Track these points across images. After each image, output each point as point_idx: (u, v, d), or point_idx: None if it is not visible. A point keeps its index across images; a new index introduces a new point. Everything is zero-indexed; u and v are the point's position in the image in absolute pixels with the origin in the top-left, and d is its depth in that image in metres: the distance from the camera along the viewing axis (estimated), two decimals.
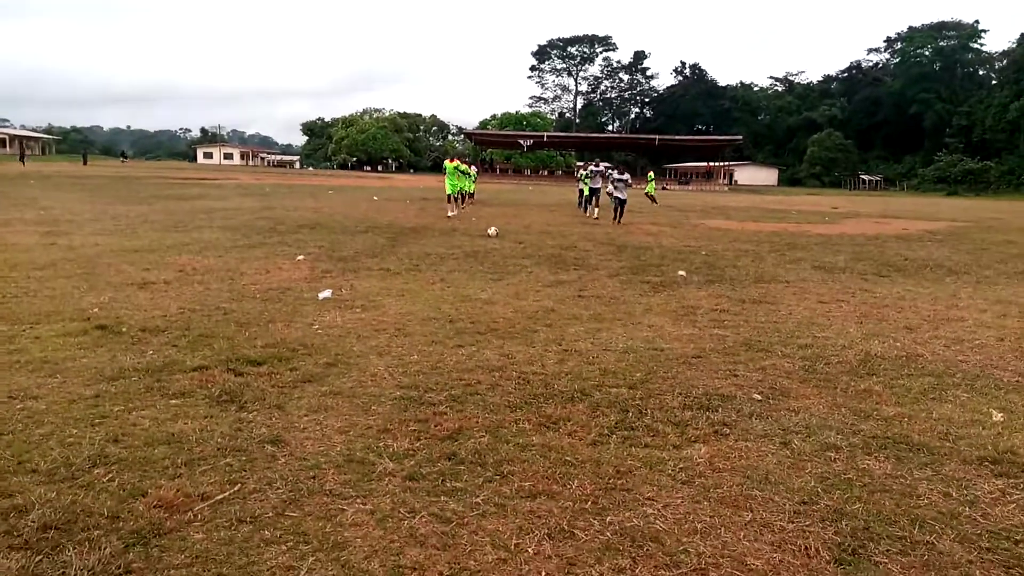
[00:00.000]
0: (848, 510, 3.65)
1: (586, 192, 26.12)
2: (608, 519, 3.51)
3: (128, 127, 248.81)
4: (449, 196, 23.28)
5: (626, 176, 23.05)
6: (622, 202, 22.06)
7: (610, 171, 24.99)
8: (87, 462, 3.89)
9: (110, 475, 3.76)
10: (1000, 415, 5.11)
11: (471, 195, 29.03)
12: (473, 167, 29.85)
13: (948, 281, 11.69)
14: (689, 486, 3.89)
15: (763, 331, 7.64)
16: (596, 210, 24.45)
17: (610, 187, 23.27)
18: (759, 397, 5.42)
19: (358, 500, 3.61)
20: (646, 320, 8.07)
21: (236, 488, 3.68)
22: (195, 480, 3.74)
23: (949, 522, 3.57)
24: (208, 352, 6.09)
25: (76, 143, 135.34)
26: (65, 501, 3.45)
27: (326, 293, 8.73)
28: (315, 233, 15.91)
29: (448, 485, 3.81)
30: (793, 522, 3.54)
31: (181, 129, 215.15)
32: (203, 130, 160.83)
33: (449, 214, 21.91)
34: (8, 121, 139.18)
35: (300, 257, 11.90)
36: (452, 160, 24.40)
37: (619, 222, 21.52)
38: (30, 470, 3.78)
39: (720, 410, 5.11)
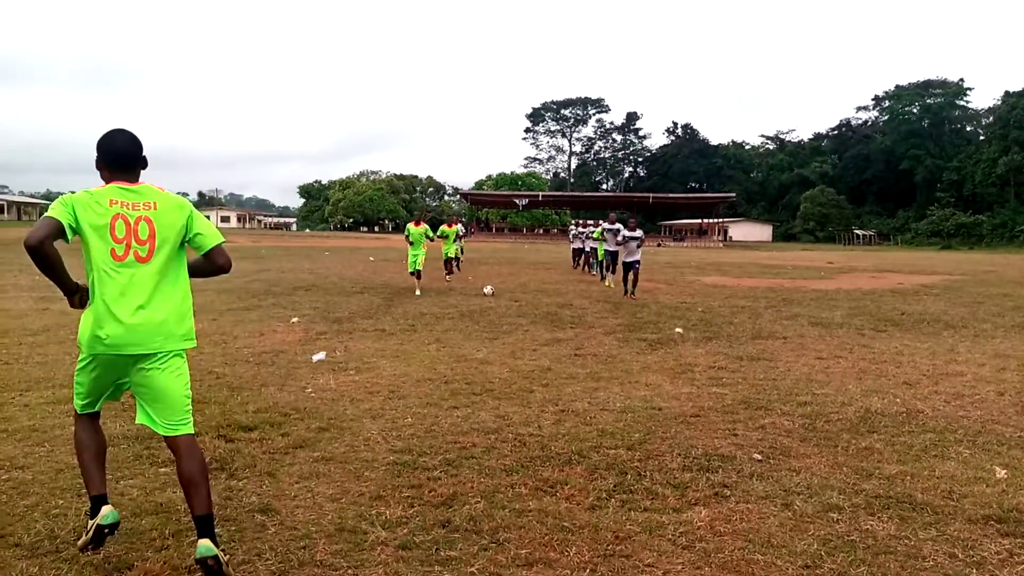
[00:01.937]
0: (852, 573, 3.56)
1: (600, 255, 21.66)
2: None
3: None
4: (413, 273, 17.51)
5: (639, 232, 17.79)
6: (635, 266, 17.16)
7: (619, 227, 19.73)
8: (72, 534, 3.79)
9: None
10: (1004, 472, 5.02)
11: (455, 260, 22.14)
12: (457, 225, 22.97)
13: (946, 335, 11.66)
14: (690, 551, 3.80)
15: (762, 388, 7.58)
16: (611, 276, 20.18)
17: (615, 246, 19.41)
18: (759, 457, 5.34)
19: (349, 571, 3.51)
20: (644, 378, 8.01)
21: (225, 560, 3.57)
22: (183, 552, 3.63)
23: None
24: (199, 418, 5.98)
25: None
26: None
27: (320, 355, 8.67)
28: (310, 295, 15.92)
29: (442, 554, 3.70)
30: None
31: (179, 193, 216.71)
32: (200, 194, 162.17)
33: (418, 293, 16.84)
34: (7, 187, 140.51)
35: (295, 319, 11.86)
36: (418, 223, 17.85)
37: (633, 294, 17.04)
38: (13, 544, 3.68)
39: (720, 471, 5.02)
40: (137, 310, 3.38)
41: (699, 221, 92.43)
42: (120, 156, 3.52)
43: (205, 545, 3.24)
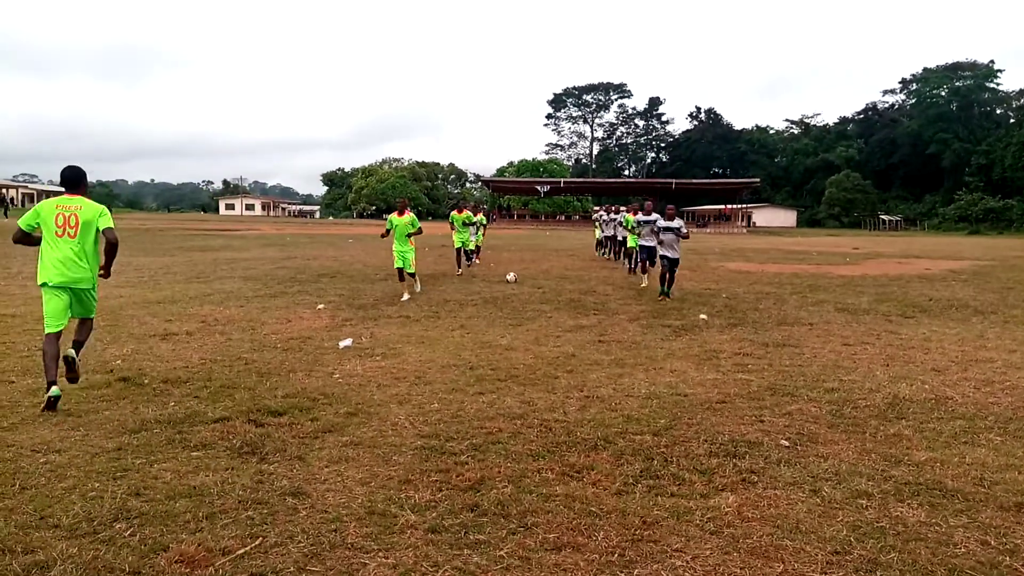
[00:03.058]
0: (882, 560, 3.55)
1: (632, 243, 18.94)
2: (636, 572, 3.43)
3: (152, 180, 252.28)
4: (400, 271, 13.94)
5: (677, 223, 14.76)
6: (673, 263, 14.62)
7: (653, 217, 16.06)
8: (109, 516, 3.87)
9: (131, 530, 3.73)
10: None
11: (474, 251, 21.11)
12: (469, 211, 20.44)
13: (974, 321, 11.52)
14: (718, 536, 3.80)
15: (788, 375, 7.54)
16: (646, 277, 16.74)
17: (652, 240, 15.79)
18: (787, 443, 5.32)
19: (380, 554, 3.56)
20: (668, 365, 7.99)
21: (257, 542, 3.64)
22: (216, 534, 3.71)
23: (988, 572, 3.46)
24: (229, 403, 6.09)
25: (100, 197, 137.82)
26: (87, 557, 3.43)
27: (346, 342, 8.74)
28: (335, 282, 16.02)
29: (471, 538, 3.74)
30: (826, 573, 3.44)
31: (204, 181, 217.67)
32: (225, 182, 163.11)
33: (405, 297, 13.31)
34: (36, 177, 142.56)
35: (320, 306, 11.95)
36: (402, 212, 14.18)
37: (669, 293, 14.42)
38: (52, 525, 3.77)
39: (747, 457, 5.02)
40: (67, 264, 6.08)
41: (722, 207, 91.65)
42: (66, 181, 6.31)
43: (70, 351, 6.12)
